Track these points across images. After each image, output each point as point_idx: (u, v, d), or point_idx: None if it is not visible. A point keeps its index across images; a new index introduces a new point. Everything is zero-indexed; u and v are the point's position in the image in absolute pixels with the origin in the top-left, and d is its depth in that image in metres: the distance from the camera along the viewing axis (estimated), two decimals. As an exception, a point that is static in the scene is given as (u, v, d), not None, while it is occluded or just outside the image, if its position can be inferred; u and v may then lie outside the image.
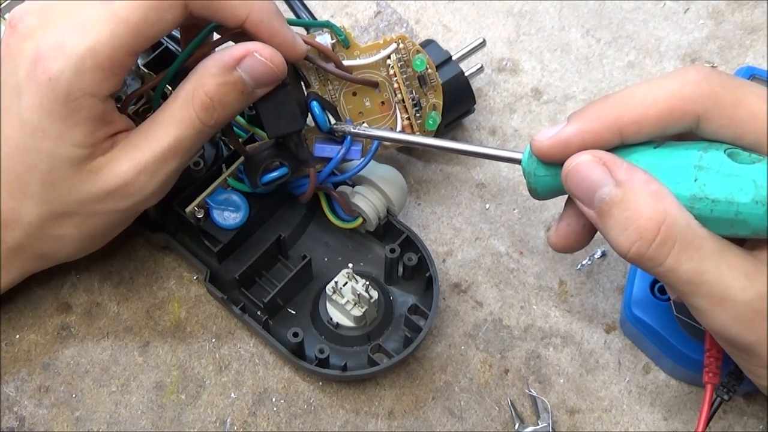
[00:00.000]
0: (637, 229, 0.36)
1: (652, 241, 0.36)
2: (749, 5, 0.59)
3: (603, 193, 0.37)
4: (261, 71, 0.41)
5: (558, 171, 0.39)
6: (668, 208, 0.36)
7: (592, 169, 0.37)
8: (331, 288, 0.46)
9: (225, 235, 0.48)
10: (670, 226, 0.36)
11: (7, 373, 0.47)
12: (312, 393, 0.48)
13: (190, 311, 0.49)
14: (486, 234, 0.52)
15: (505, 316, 0.50)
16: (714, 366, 0.43)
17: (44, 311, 0.49)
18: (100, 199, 0.42)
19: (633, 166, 0.37)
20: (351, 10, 0.59)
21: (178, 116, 0.41)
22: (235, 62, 0.41)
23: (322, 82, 0.47)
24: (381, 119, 0.48)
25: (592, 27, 0.59)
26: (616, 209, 0.37)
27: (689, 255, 0.36)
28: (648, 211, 0.36)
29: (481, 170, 0.54)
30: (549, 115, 0.56)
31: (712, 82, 0.37)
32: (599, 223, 0.38)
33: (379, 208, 0.48)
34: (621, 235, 0.37)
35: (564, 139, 0.38)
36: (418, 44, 0.49)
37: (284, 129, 0.44)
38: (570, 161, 0.38)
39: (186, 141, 0.42)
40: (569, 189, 0.39)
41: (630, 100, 0.38)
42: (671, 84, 0.37)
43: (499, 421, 0.47)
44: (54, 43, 0.39)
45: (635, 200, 0.36)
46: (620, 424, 0.47)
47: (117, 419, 0.47)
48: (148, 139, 0.42)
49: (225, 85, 0.41)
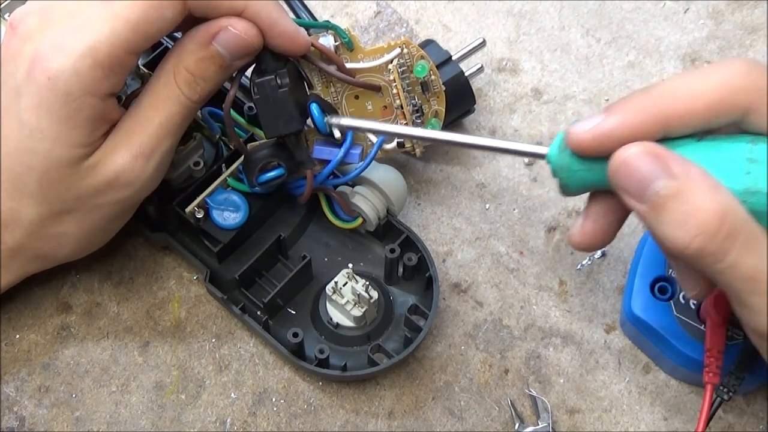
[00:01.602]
0: (698, 223, 0.34)
1: (715, 235, 0.34)
2: (749, 5, 0.59)
3: (658, 186, 0.35)
4: (236, 44, 0.42)
5: (594, 165, 0.37)
6: (729, 200, 0.35)
7: (644, 161, 0.35)
8: (331, 288, 0.46)
9: (225, 235, 0.48)
10: (734, 220, 0.34)
11: (7, 373, 0.47)
12: (312, 393, 0.48)
13: (190, 311, 0.49)
14: (486, 234, 0.52)
15: (505, 316, 0.50)
16: (714, 366, 0.43)
17: (44, 311, 0.49)
18: (100, 192, 0.42)
19: (687, 160, 0.36)
20: (351, 10, 0.59)
21: (163, 95, 0.42)
22: (210, 37, 0.41)
23: (325, 84, 0.47)
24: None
25: (592, 27, 0.59)
26: (673, 202, 0.35)
27: (751, 250, 0.34)
28: (709, 204, 0.34)
29: (481, 170, 0.54)
30: (549, 115, 0.56)
31: (759, 74, 0.36)
32: (651, 218, 0.36)
33: (379, 209, 0.48)
34: (679, 229, 0.35)
35: (606, 132, 0.36)
36: (418, 44, 0.49)
37: (282, 130, 0.44)
38: (619, 153, 0.36)
39: (175, 117, 0.42)
40: (618, 183, 0.36)
41: (675, 91, 0.36)
42: (718, 75, 0.36)
43: (499, 421, 0.47)
44: (53, 43, 0.39)
45: (693, 193, 0.35)
46: (620, 424, 0.47)
47: (117, 419, 0.47)
48: (140, 123, 0.42)
49: (203, 60, 0.42)
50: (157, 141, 0.42)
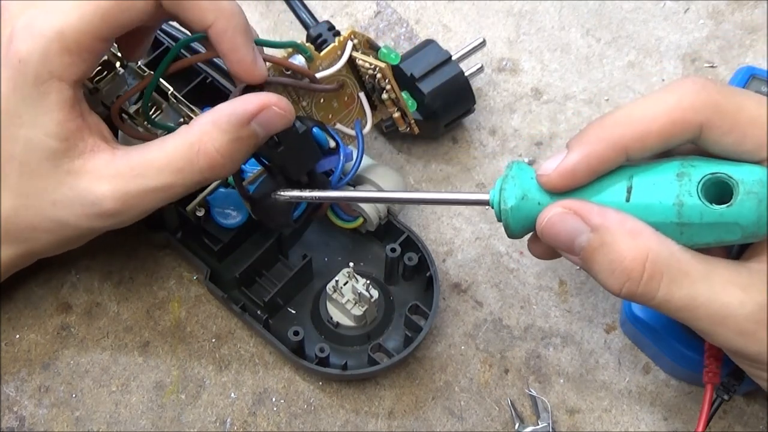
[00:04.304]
0: (623, 271, 0.37)
1: (639, 279, 0.36)
2: (749, 5, 0.59)
3: (582, 241, 0.37)
4: (276, 123, 0.40)
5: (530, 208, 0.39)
6: (648, 242, 0.37)
7: (565, 220, 0.38)
8: (331, 287, 0.46)
9: (225, 234, 0.48)
10: (654, 261, 0.36)
11: (7, 373, 0.47)
12: (312, 393, 0.48)
13: (190, 311, 0.49)
14: (486, 234, 0.52)
15: (505, 316, 0.50)
16: (714, 366, 0.43)
17: (44, 311, 0.49)
18: (75, 212, 0.41)
19: (605, 208, 0.37)
20: (351, 10, 0.59)
21: (176, 165, 0.40)
22: (250, 117, 0.40)
23: (295, 101, 0.45)
24: (348, 114, 0.48)
25: (592, 27, 0.59)
26: (599, 254, 0.37)
27: (678, 284, 0.36)
28: (630, 252, 0.36)
29: (481, 170, 0.54)
30: (549, 115, 0.56)
31: (710, 91, 0.37)
32: (586, 268, 0.38)
33: (380, 208, 0.48)
34: (609, 278, 0.37)
35: (570, 168, 0.38)
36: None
37: (310, 165, 0.43)
38: (542, 216, 0.38)
39: (179, 189, 0.41)
40: (548, 242, 0.39)
41: (629, 117, 0.38)
42: (670, 96, 0.37)
43: (499, 421, 0.47)
44: (25, 24, 0.39)
45: (615, 242, 0.37)
46: (620, 424, 0.47)
47: (117, 419, 0.47)
48: (136, 174, 0.40)
49: (238, 141, 0.40)
50: (146, 201, 0.41)
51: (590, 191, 0.38)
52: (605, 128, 0.38)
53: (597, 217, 0.37)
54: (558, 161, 0.38)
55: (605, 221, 0.37)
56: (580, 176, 0.38)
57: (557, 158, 0.38)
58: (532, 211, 0.39)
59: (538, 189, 0.39)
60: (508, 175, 0.40)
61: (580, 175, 0.38)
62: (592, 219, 0.37)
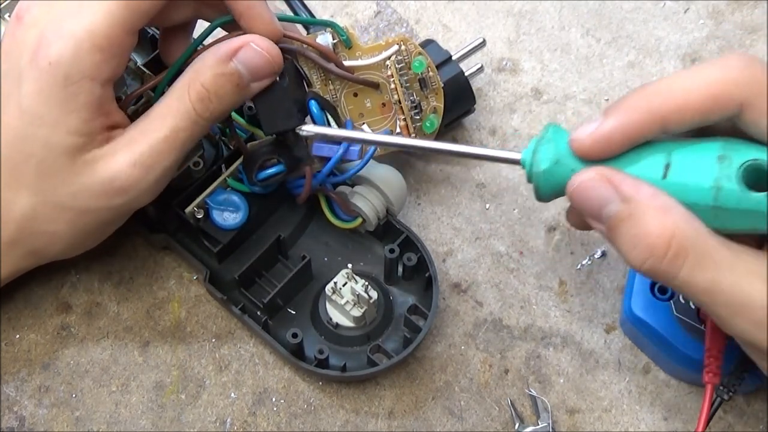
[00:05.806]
0: (647, 246, 0.36)
1: (663, 257, 0.36)
2: (749, 5, 0.59)
3: (610, 210, 0.37)
4: (257, 62, 0.41)
5: (563, 169, 0.38)
6: (677, 221, 0.36)
7: (597, 186, 0.37)
8: (330, 288, 0.46)
9: (225, 235, 0.48)
10: (680, 240, 0.36)
11: (7, 373, 0.47)
12: (312, 393, 0.48)
13: (190, 311, 0.49)
14: (486, 234, 0.52)
15: (505, 316, 0.50)
16: (714, 366, 0.43)
17: (44, 311, 0.49)
18: (94, 195, 0.42)
19: (638, 180, 0.37)
20: (351, 10, 0.59)
21: (174, 107, 0.42)
22: (231, 53, 0.41)
23: (324, 82, 0.47)
24: (382, 120, 0.48)
25: (592, 27, 0.59)
26: (624, 226, 0.36)
27: (702, 266, 0.36)
28: (656, 228, 0.36)
29: (481, 170, 0.54)
30: (549, 115, 0.56)
31: (755, 69, 0.36)
32: (609, 238, 0.38)
33: (379, 208, 0.48)
34: (632, 251, 0.36)
35: (605, 135, 0.37)
36: (418, 44, 0.49)
37: (280, 126, 0.44)
38: (574, 180, 0.38)
39: (182, 132, 0.42)
40: (576, 205, 0.38)
41: (670, 88, 0.37)
42: (713, 70, 0.37)
43: (499, 421, 0.47)
44: (54, 28, 0.40)
45: (643, 216, 0.36)
46: (620, 424, 0.47)
47: (117, 419, 0.47)
48: (144, 132, 0.42)
49: (221, 76, 0.41)
50: (159, 154, 0.41)
51: (627, 162, 0.37)
52: (644, 97, 0.37)
53: (629, 188, 0.36)
54: (593, 127, 0.37)
55: (637, 194, 0.36)
56: (615, 144, 0.37)
57: (593, 124, 0.37)
58: (564, 177, 0.38)
59: (572, 155, 0.38)
60: (544, 137, 0.39)
61: (615, 143, 0.37)
62: (624, 189, 0.36)
